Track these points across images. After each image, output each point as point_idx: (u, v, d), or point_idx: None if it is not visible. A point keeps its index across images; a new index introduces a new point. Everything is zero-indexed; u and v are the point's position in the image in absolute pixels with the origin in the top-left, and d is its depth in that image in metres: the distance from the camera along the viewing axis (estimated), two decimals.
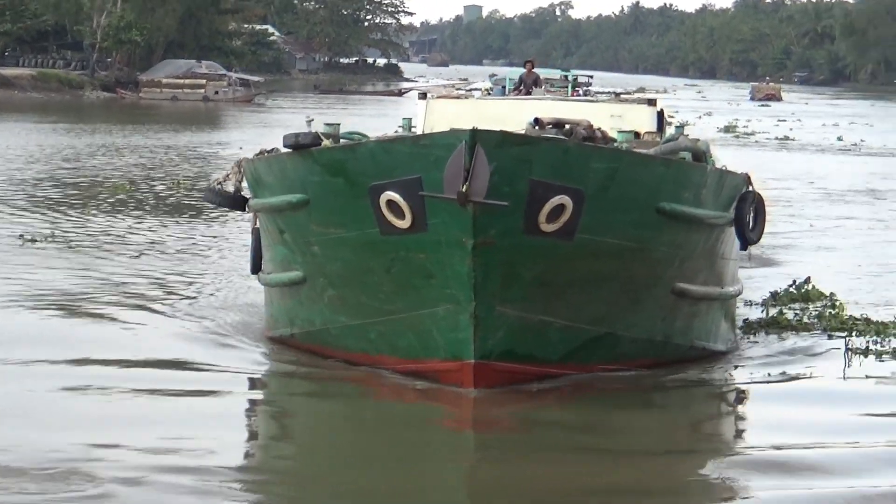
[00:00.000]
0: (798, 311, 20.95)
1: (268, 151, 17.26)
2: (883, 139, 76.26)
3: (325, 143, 15.63)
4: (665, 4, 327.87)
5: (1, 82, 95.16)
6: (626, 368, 16.41)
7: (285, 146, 15.83)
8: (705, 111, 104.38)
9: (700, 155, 17.04)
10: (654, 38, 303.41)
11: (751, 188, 17.44)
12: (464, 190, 14.16)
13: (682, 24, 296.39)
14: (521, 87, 25.31)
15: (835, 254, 30.40)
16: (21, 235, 26.68)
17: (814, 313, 20.77)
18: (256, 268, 17.94)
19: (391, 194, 14.70)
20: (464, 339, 15.08)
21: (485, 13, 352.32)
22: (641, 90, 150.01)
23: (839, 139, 75.18)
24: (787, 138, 75.11)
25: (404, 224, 14.79)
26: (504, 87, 25.91)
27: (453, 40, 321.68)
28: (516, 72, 26.89)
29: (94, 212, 31.96)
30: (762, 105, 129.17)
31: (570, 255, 15.10)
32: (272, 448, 14.40)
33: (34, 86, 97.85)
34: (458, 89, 33.74)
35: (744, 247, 18.10)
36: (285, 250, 16.76)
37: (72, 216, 31.07)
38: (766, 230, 17.97)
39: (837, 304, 21.30)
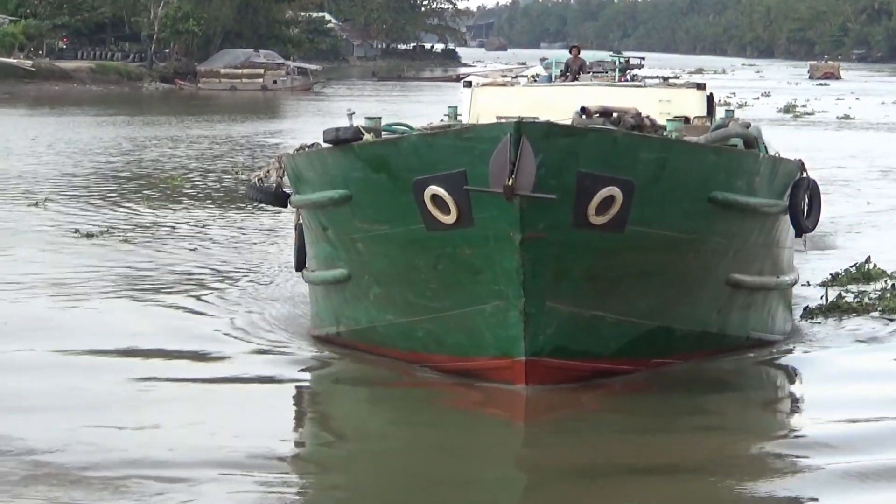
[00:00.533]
0: (857, 294, 20.39)
1: (308, 146, 16.74)
2: None
3: (367, 137, 15.10)
4: None
5: (60, 75, 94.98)
6: (681, 362, 15.92)
7: (325, 141, 15.38)
8: (763, 91, 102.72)
9: (752, 141, 16.48)
10: (711, 17, 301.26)
11: (805, 174, 16.86)
12: (510, 183, 13.65)
13: (739, 3, 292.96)
14: (568, 74, 24.77)
15: (894, 233, 29.78)
16: (76, 230, 26.59)
17: (874, 295, 20.28)
18: (301, 265, 17.48)
19: (436, 189, 14.22)
20: (514, 337, 14.57)
21: None
22: (699, 71, 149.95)
23: None
24: (847, 117, 73.69)
25: (450, 219, 14.30)
26: (550, 75, 25.34)
27: (510, 24, 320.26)
28: (563, 56, 26.38)
29: (151, 203, 31.80)
30: (820, 84, 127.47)
31: (622, 248, 14.58)
32: (323, 440, 14.24)
33: (93, 78, 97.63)
34: (515, 75, 33.20)
35: (799, 234, 17.54)
36: (329, 248, 16.29)
37: (128, 208, 30.94)
38: (822, 213, 17.48)
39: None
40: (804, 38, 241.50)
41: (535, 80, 24.92)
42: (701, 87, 21.99)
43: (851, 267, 22.00)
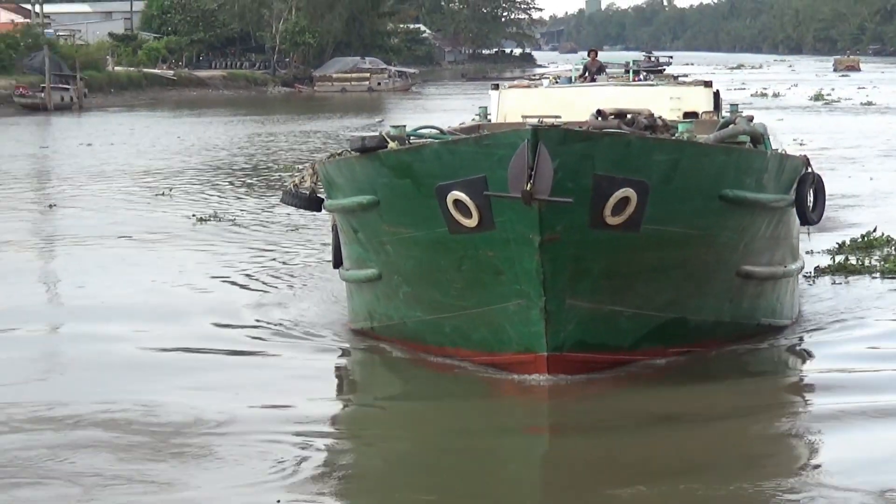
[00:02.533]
0: (861, 258, 19.59)
1: (338, 154, 14.98)
2: None
3: (392, 145, 13.37)
4: None
5: (197, 83, 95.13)
6: (695, 350, 14.05)
7: (352, 149, 13.69)
8: (793, 83, 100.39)
9: (758, 137, 14.64)
10: (748, 21, 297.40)
11: (810, 169, 15.06)
12: (528, 188, 12.00)
13: (772, 8, 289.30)
14: (586, 75, 22.99)
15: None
16: (193, 215, 26.18)
17: (876, 258, 19.50)
18: (338, 263, 15.74)
19: (458, 194, 12.54)
20: (536, 333, 12.87)
21: (603, 6, 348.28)
22: (740, 66, 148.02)
23: None
24: (870, 103, 71.42)
25: (472, 223, 12.61)
26: (571, 76, 23.50)
27: (577, 30, 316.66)
28: (622, 58, 24.63)
29: (263, 192, 31.41)
30: (843, 75, 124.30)
31: (637, 247, 12.85)
32: (360, 415, 13.06)
33: (225, 84, 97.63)
34: (538, 77, 31.65)
35: (804, 225, 15.75)
36: (360, 249, 14.59)
37: (245, 197, 30.65)
38: (837, 184, 15.94)
39: None
40: (828, 37, 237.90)
41: (557, 82, 22.98)
42: (708, 84, 20.21)
43: (859, 238, 21.04)
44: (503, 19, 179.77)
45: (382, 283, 14.30)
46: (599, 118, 14.15)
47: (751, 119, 15.42)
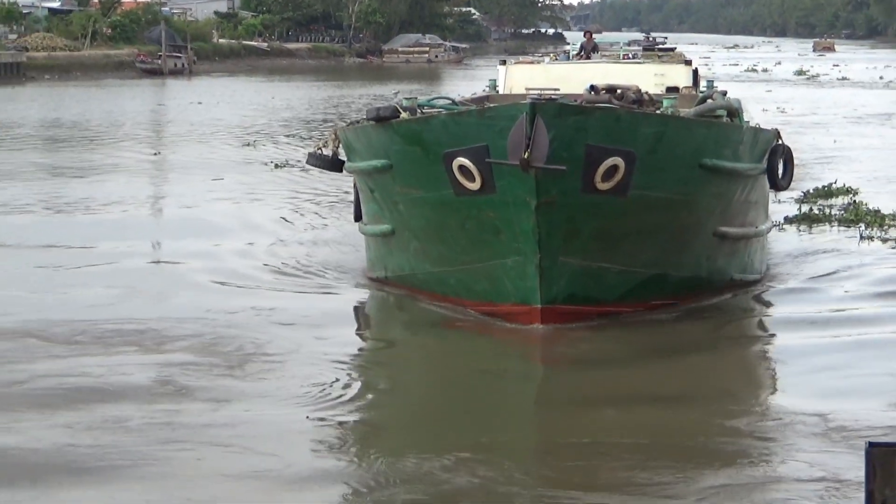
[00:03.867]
0: (823, 207, 18.97)
1: (355, 122, 13.66)
2: None
3: (403, 115, 12.13)
4: None
5: (286, 53, 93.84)
6: (675, 303, 12.69)
7: (368, 119, 12.46)
8: (779, 61, 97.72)
9: (734, 111, 13.25)
10: (742, 9, 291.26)
11: (780, 141, 13.68)
12: (526, 157, 10.84)
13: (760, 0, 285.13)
14: (582, 53, 21.51)
15: (859, 163, 26.91)
16: (271, 161, 26.20)
17: (836, 208, 18.88)
18: (358, 217, 14.47)
19: (462, 160, 11.33)
20: (531, 287, 11.63)
21: None
22: (735, 46, 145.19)
23: (881, 78, 69.33)
24: (844, 78, 69.55)
25: (475, 186, 11.40)
26: (568, 54, 22.09)
27: (601, 14, 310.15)
28: (638, 37, 23.28)
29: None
30: (820, 55, 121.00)
31: (624, 210, 11.62)
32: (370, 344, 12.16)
33: (309, 55, 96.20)
34: (541, 55, 30.21)
35: (774, 190, 14.44)
36: (376, 207, 13.32)
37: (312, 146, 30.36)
38: (808, 145, 14.81)
39: (856, 201, 19.38)
40: (808, 22, 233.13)
41: (557, 59, 21.52)
42: (688, 62, 18.89)
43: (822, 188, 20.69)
44: (539, 4, 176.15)
45: (395, 238, 13.06)
46: (593, 92, 12.86)
47: (724, 94, 14.33)
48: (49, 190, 22.05)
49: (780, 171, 13.62)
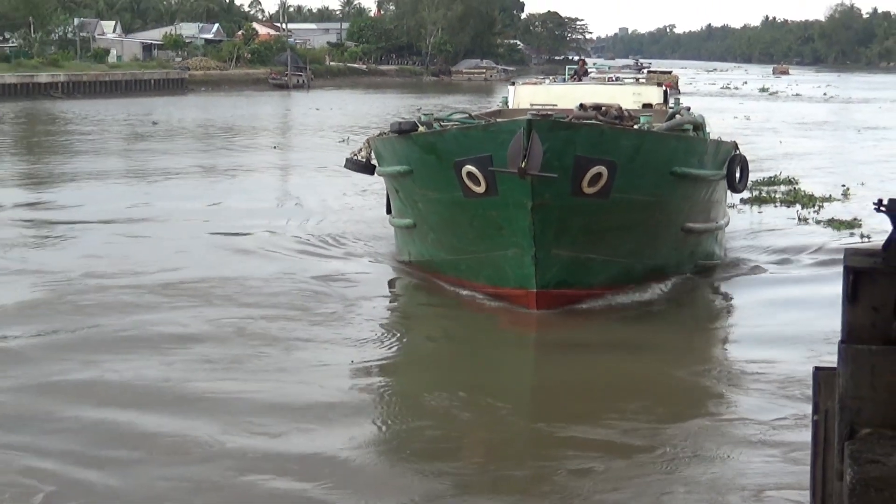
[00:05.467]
0: (770, 192, 18.24)
1: (384, 134, 12.10)
2: (846, 93, 70.16)
3: (421, 128, 10.59)
4: (724, 25, 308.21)
5: (380, 73, 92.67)
6: (649, 284, 11.05)
7: (391, 131, 10.90)
8: (745, 81, 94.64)
9: (699, 125, 11.64)
10: (719, 41, 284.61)
11: (738, 152, 12.02)
12: (523, 165, 9.31)
13: (733, 35, 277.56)
14: (576, 76, 19.91)
15: (799, 158, 25.82)
16: (343, 139, 26.79)
17: (780, 193, 18.17)
18: (388, 211, 12.91)
19: (470, 167, 9.83)
20: (528, 275, 10.12)
21: (629, 31, 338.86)
22: (714, 70, 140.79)
23: (824, 94, 67.47)
24: (797, 95, 67.41)
25: (480, 189, 9.89)
26: (565, 77, 20.30)
27: (614, 45, 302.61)
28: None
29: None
30: (778, 77, 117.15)
31: (607, 210, 10.05)
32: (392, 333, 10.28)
33: (396, 74, 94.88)
34: (543, 77, 28.55)
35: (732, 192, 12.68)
36: (401, 204, 11.77)
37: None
38: (764, 145, 13.49)
39: (796, 187, 18.78)
40: (768, 52, 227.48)
41: (556, 81, 19.80)
42: (660, 84, 17.14)
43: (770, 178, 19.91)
44: (567, 38, 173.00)
45: (416, 230, 11.53)
46: (582, 110, 11.27)
47: (688, 109, 12.92)
48: (203, 161, 23.82)
49: (738, 177, 11.91)
